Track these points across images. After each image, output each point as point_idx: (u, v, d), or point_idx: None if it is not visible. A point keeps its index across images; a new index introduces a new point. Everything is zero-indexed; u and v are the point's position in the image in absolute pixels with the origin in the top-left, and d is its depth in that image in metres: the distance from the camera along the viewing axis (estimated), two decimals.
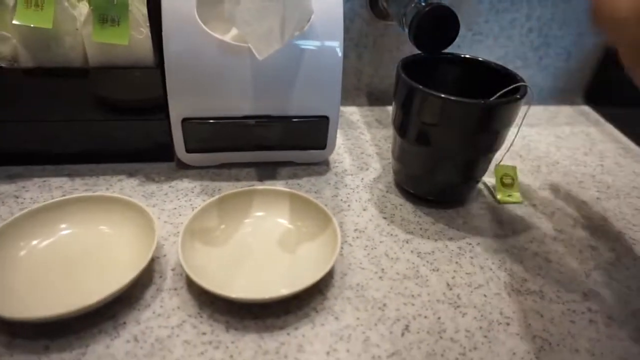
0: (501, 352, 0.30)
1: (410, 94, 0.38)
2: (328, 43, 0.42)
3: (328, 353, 0.29)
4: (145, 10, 0.39)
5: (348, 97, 0.62)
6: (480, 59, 0.43)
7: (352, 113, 0.60)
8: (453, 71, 0.44)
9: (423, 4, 0.40)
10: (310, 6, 0.40)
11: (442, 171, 0.40)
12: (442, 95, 0.36)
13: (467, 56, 0.43)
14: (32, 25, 0.36)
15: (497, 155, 0.42)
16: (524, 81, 0.38)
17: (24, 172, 0.43)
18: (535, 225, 0.42)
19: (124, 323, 0.30)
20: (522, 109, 0.38)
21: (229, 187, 0.43)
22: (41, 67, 0.39)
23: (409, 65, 0.41)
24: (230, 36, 0.41)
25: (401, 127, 0.41)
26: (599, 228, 0.42)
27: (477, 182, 0.43)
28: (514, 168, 0.46)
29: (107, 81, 0.41)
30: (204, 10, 0.40)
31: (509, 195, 0.45)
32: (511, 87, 0.38)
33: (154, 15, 0.39)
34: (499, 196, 0.44)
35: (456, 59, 0.44)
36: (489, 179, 0.47)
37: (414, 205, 0.43)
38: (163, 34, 0.39)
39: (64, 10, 0.38)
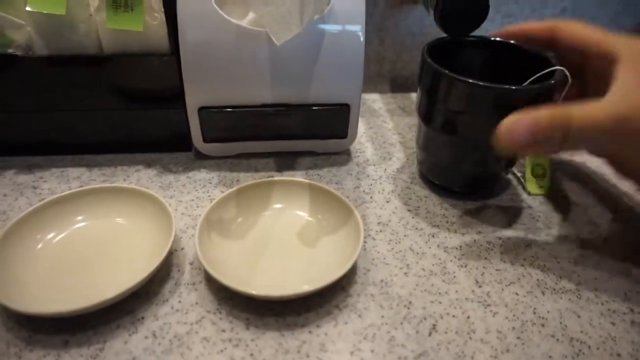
0: (536, 355, 0.28)
1: (435, 80, 0.36)
2: (349, 27, 0.40)
3: (352, 353, 0.28)
4: None
5: (370, 84, 0.59)
6: (511, 42, 0.40)
7: (374, 100, 0.58)
8: (482, 55, 0.41)
9: None
10: None
11: (470, 161, 0.38)
12: (470, 81, 0.33)
13: (497, 39, 0.41)
14: (45, 12, 0.35)
15: None
16: (559, 65, 0.36)
17: (42, 162, 0.43)
18: (570, 219, 0.39)
19: (142, 318, 0.29)
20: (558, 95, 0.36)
21: (247, 178, 0.42)
22: (56, 55, 0.39)
23: (434, 50, 0.38)
24: (247, 21, 0.40)
25: (426, 114, 0.39)
26: None
27: (507, 173, 0.41)
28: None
29: (123, 69, 0.40)
30: None
31: (541, 187, 0.42)
32: (545, 71, 0.35)
33: (169, 0, 0.37)
34: (529, 187, 0.42)
35: (485, 42, 0.41)
36: (520, 168, 0.44)
37: (440, 197, 0.41)
38: (178, 19, 0.37)
39: None
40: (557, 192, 0.42)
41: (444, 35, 0.41)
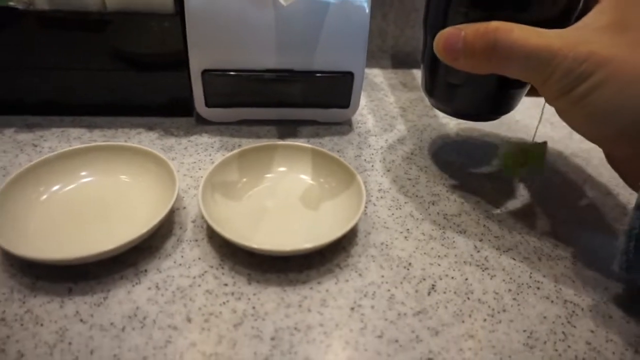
0: (531, 315, 0.29)
1: None
2: None
3: (352, 309, 0.28)
4: None
5: (372, 59, 0.59)
6: None
7: (376, 75, 0.58)
8: None
9: None
10: None
11: (485, 76, 0.32)
12: None
13: None
14: None
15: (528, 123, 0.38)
16: None
17: (42, 122, 0.43)
18: (566, 191, 0.40)
19: (145, 271, 0.29)
20: None
21: (249, 144, 0.42)
22: (57, 9, 0.38)
23: None
24: None
25: (435, 22, 0.33)
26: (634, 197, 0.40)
27: (523, 86, 0.35)
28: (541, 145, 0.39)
29: (125, 28, 0.40)
30: None
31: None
32: None
33: None
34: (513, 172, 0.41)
35: None
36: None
37: (440, 168, 0.41)
38: None
39: None
40: (553, 167, 0.43)
41: None
